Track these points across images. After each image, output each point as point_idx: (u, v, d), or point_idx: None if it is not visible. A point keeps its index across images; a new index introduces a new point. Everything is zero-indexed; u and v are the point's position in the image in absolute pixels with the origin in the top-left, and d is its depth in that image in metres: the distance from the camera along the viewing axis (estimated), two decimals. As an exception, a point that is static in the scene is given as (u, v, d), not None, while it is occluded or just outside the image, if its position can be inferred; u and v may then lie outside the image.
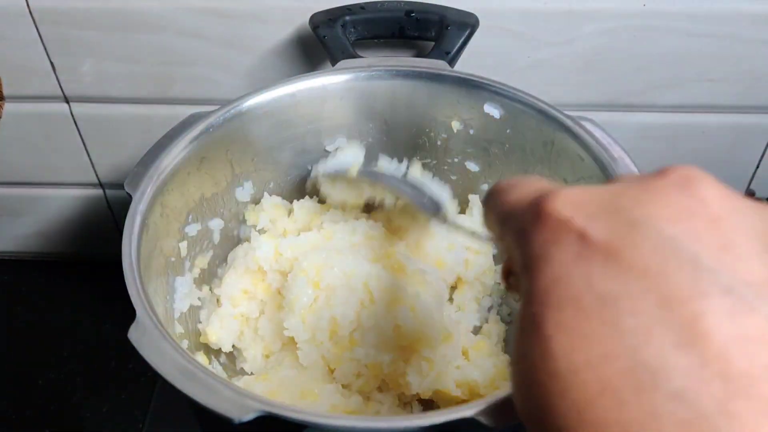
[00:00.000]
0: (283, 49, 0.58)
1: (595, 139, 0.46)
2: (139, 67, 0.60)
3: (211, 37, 0.57)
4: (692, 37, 0.56)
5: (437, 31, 0.53)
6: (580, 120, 0.48)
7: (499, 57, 0.58)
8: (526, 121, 0.50)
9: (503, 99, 0.50)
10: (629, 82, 0.59)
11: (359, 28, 0.53)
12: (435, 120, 0.54)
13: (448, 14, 0.53)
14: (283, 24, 0.56)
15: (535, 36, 0.56)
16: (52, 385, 0.66)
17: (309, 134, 0.54)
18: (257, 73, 0.60)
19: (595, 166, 0.46)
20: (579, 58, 0.58)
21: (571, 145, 0.48)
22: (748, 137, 0.63)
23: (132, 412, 0.62)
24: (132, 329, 0.37)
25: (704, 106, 0.61)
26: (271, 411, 0.33)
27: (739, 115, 0.62)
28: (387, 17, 0.53)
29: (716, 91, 0.60)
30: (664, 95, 0.60)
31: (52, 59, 0.59)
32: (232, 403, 0.33)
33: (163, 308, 0.45)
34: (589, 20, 0.55)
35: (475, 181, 0.56)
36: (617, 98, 0.61)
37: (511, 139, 0.52)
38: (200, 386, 0.34)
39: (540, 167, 0.51)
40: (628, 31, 0.56)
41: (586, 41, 0.57)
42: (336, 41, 0.52)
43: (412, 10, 0.53)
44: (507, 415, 0.32)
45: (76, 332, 0.70)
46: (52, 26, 0.57)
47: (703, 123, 0.62)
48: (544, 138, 0.49)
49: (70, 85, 0.61)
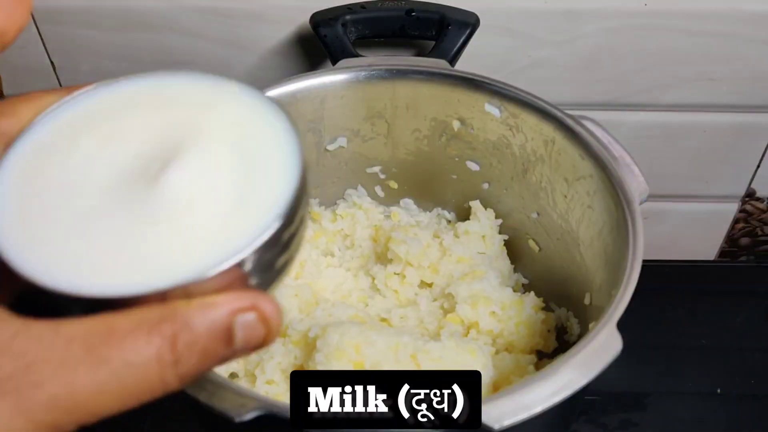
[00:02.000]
0: (283, 49, 0.58)
1: (596, 138, 0.46)
2: (139, 67, 0.60)
3: (211, 37, 0.57)
4: (693, 36, 0.56)
5: (438, 31, 0.53)
6: (580, 119, 0.47)
7: (499, 56, 0.58)
8: (527, 121, 0.50)
9: (503, 98, 0.50)
10: (630, 82, 0.59)
11: (360, 28, 0.53)
12: (435, 119, 0.54)
13: (448, 13, 0.53)
14: (283, 23, 0.56)
15: (536, 35, 0.56)
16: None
17: (309, 134, 0.54)
18: (257, 72, 0.60)
19: (595, 166, 0.46)
20: (579, 57, 0.58)
21: (571, 145, 0.48)
22: (748, 136, 0.63)
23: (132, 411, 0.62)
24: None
25: (705, 105, 0.61)
26: (271, 411, 0.33)
27: (740, 114, 0.61)
28: (388, 16, 0.53)
29: (717, 91, 0.60)
30: (665, 94, 0.60)
31: (52, 59, 0.59)
32: (232, 403, 0.33)
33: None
34: (590, 19, 0.55)
35: (475, 181, 0.56)
36: (618, 97, 0.60)
37: (512, 139, 0.52)
38: (200, 386, 0.34)
39: (540, 166, 0.51)
40: (628, 31, 0.56)
41: (587, 40, 0.57)
42: (336, 40, 0.52)
43: (412, 9, 0.53)
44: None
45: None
46: (52, 26, 0.57)
47: (703, 122, 0.62)
48: (544, 137, 0.49)
49: (70, 84, 0.61)
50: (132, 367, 0.19)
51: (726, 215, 0.70)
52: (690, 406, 0.61)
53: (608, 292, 0.42)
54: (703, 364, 0.64)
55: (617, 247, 0.43)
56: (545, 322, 0.51)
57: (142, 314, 0.20)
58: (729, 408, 0.61)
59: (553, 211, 0.52)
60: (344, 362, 0.44)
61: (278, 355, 0.47)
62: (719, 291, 0.71)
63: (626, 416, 0.60)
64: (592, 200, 0.47)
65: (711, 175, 0.66)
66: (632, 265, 0.40)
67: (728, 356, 0.64)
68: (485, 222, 0.56)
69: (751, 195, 0.68)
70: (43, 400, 0.18)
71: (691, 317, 0.68)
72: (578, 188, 0.48)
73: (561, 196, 0.51)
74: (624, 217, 0.43)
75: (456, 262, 0.54)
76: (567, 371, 0.35)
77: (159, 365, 0.20)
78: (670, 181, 0.67)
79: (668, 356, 0.64)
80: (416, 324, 0.52)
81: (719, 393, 0.62)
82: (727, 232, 0.71)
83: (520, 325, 0.50)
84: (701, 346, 0.65)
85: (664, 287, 0.69)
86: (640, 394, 0.61)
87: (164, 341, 0.19)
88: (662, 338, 0.65)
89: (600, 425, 0.60)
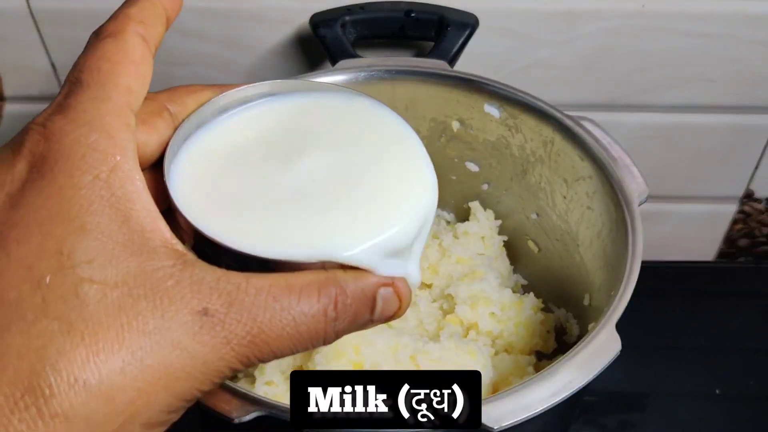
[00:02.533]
0: (283, 49, 0.58)
1: (595, 139, 0.46)
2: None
3: (211, 37, 0.57)
4: (691, 37, 0.56)
5: (437, 31, 0.53)
6: (579, 120, 0.48)
7: (498, 57, 0.58)
8: (526, 121, 0.50)
9: (503, 99, 0.50)
10: (629, 83, 0.59)
11: (359, 28, 0.53)
12: (435, 120, 0.54)
13: (447, 14, 0.53)
14: (283, 24, 0.56)
15: (535, 36, 0.56)
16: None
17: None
18: (257, 73, 0.60)
19: (594, 166, 0.46)
20: (578, 58, 0.58)
21: (570, 145, 0.48)
22: (747, 137, 0.63)
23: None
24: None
25: (704, 106, 0.61)
26: (271, 411, 0.33)
27: (739, 115, 0.62)
28: (387, 17, 0.53)
29: (716, 92, 0.60)
30: (664, 95, 0.60)
31: (52, 59, 0.59)
32: (232, 403, 0.33)
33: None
34: (589, 20, 0.55)
35: (474, 182, 0.56)
36: (617, 98, 0.61)
37: (511, 139, 0.52)
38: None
39: (540, 167, 0.51)
40: (628, 32, 0.56)
41: (586, 41, 0.57)
42: (336, 41, 0.52)
43: (411, 10, 0.53)
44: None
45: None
46: (52, 27, 0.57)
47: (702, 123, 0.62)
48: (543, 138, 0.49)
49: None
50: (306, 317, 0.23)
51: (724, 216, 0.70)
52: (689, 406, 0.61)
53: (607, 292, 0.42)
54: (702, 364, 0.64)
55: (616, 247, 0.43)
56: (544, 323, 0.51)
57: (313, 276, 0.24)
58: (728, 409, 0.61)
59: (553, 211, 0.52)
60: (344, 363, 0.44)
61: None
62: (718, 292, 0.71)
63: (625, 417, 0.60)
64: (592, 201, 0.47)
65: (710, 176, 0.66)
66: (631, 265, 0.40)
67: (727, 357, 0.65)
68: (485, 223, 0.56)
69: (750, 196, 0.68)
70: (242, 334, 0.22)
71: (690, 318, 0.68)
72: (577, 189, 0.48)
73: (560, 197, 0.51)
74: (623, 218, 0.43)
75: (455, 263, 0.54)
76: (566, 372, 0.35)
77: (325, 319, 0.24)
78: (669, 182, 0.67)
79: (667, 357, 0.64)
80: (416, 325, 0.52)
81: (718, 394, 0.62)
82: (726, 233, 0.71)
83: (519, 326, 0.50)
84: (700, 347, 0.65)
85: (663, 288, 0.69)
86: (640, 395, 0.62)
87: (330, 300, 0.24)
88: (661, 339, 0.66)
89: (599, 426, 0.60)
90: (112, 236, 0.22)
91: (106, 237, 0.22)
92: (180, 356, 0.21)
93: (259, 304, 0.23)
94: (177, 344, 0.21)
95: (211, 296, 0.22)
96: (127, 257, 0.22)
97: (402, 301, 0.26)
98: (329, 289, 0.24)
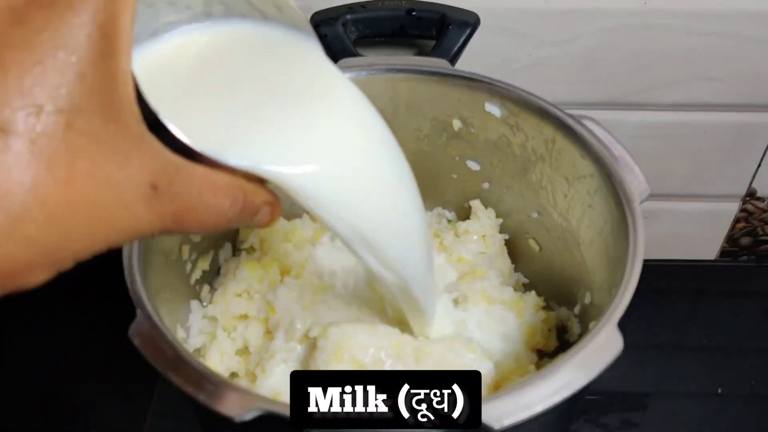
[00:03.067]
0: (284, 48, 0.58)
1: (596, 137, 0.46)
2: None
3: (212, 36, 0.57)
4: (693, 35, 0.56)
5: (438, 30, 0.53)
6: (580, 119, 0.47)
7: (499, 56, 0.58)
8: (527, 120, 0.50)
9: (504, 98, 0.50)
10: (630, 81, 0.59)
11: (360, 27, 0.53)
12: (436, 119, 0.54)
13: (448, 13, 0.53)
14: (283, 23, 0.56)
15: (536, 35, 0.56)
16: (51, 384, 0.66)
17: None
18: (258, 72, 0.59)
19: (596, 165, 0.46)
20: (580, 56, 0.58)
21: (571, 144, 0.47)
22: (749, 136, 0.63)
23: (132, 411, 0.62)
24: (132, 328, 0.37)
25: (705, 104, 0.61)
26: (271, 411, 0.33)
27: (741, 113, 0.61)
28: (388, 16, 0.53)
29: (717, 90, 0.60)
30: (665, 94, 0.60)
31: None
32: (233, 403, 0.33)
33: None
34: (590, 19, 0.55)
35: (475, 180, 0.56)
36: (618, 97, 0.60)
37: (512, 138, 0.52)
38: (200, 386, 0.34)
39: (541, 166, 0.51)
40: (628, 30, 0.56)
41: (587, 40, 0.56)
42: (337, 40, 0.52)
43: (413, 8, 0.53)
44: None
45: (76, 331, 0.70)
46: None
47: (704, 122, 0.62)
48: (544, 137, 0.49)
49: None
50: (215, 209, 0.27)
51: (727, 215, 0.70)
52: (691, 405, 0.61)
53: (609, 291, 0.42)
54: (703, 364, 0.64)
55: (618, 246, 0.43)
56: (546, 322, 0.51)
57: (229, 179, 0.28)
58: (730, 408, 0.61)
59: (554, 210, 0.52)
60: (345, 362, 0.44)
61: (279, 354, 0.47)
62: (720, 291, 0.71)
63: (627, 416, 0.60)
64: (593, 199, 0.47)
65: (712, 174, 0.66)
66: (633, 264, 0.40)
67: (729, 356, 0.64)
68: (486, 221, 0.56)
69: (752, 194, 0.68)
70: (171, 211, 0.25)
71: (691, 317, 0.68)
72: (579, 187, 0.48)
73: (561, 196, 0.50)
74: (624, 217, 0.43)
75: (456, 262, 0.54)
76: (567, 371, 0.35)
77: (225, 214, 0.28)
78: (671, 181, 0.67)
79: (669, 356, 0.64)
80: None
81: (720, 393, 0.62)
82: (728, 232, 0.71)
83: (520, 325, 0.50)
84: (702, 346, 0.65)
85: (665, 287, 0.69)
86: (641, 394, 0.61)
87: (235, 202, 0.28)
88: (663, 338, 0.65)
89: (600, 425, 0.60)
90: (96, 86, 0.23)
91: (90, 83, 0.23)
92: (124, 215, 0.24)
93: (190, 190, 0.26)
94: (126, 205, 0.24)
95: (160, 173, 0.25)
96: (103, 107, 0.23)
97: (273, 218, 0.31)
98: (237, 194, 0.28)
